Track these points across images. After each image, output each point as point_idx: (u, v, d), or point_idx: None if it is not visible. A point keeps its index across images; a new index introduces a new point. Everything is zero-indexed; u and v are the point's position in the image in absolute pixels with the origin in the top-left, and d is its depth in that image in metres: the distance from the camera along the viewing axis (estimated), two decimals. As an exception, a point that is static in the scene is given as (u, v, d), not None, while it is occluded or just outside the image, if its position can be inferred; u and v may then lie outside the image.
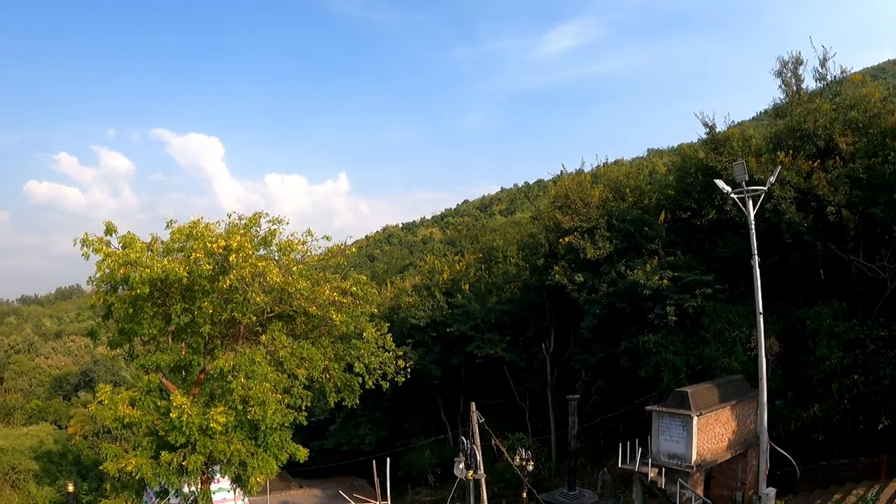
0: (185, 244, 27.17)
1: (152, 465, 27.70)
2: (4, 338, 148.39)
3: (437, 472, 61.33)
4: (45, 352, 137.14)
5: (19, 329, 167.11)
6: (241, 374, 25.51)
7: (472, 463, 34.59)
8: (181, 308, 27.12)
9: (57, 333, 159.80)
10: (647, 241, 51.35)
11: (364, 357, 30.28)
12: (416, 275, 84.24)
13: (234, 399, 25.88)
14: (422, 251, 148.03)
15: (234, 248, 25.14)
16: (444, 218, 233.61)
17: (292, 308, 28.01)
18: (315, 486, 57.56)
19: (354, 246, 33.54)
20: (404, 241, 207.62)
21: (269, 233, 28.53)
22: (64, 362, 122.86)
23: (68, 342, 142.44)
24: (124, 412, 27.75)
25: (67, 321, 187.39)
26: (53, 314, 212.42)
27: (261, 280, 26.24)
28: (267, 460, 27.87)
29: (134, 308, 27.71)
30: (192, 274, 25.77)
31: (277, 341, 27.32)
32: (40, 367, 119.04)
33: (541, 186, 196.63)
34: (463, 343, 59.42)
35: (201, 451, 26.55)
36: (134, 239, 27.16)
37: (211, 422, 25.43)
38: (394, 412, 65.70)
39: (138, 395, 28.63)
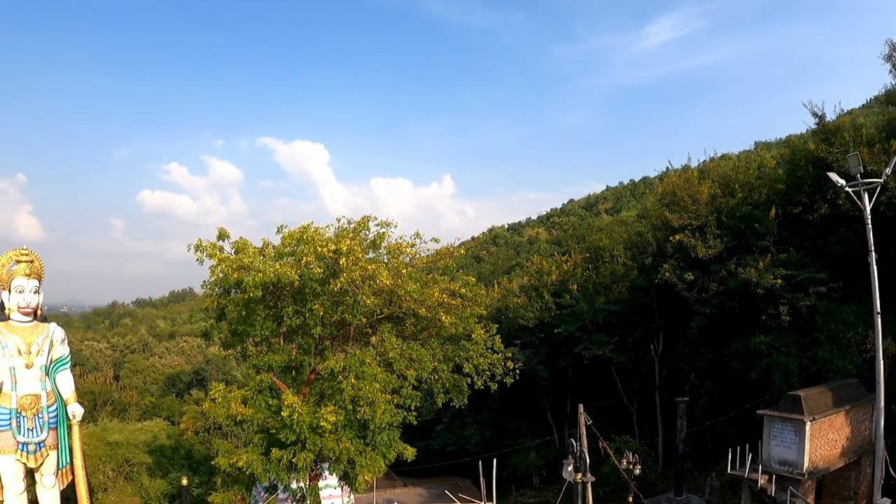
0: (295, 248, 27.58)
1: (263, 461, 28.30)
2: (121, 338, 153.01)
3: (542, 473, 60.77)
4: (159, 352, 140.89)
5: (135, 330, 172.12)
6: (352, 374, 25.74)
7: (580, 465, 34.27)
8: (293, 310, 27.58)
9: (170, 334, 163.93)
10: (757, 239, 49.75)
11: (473, 358, 30.11)
12: (522, 275, 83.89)
13: (344, 399, 26.12)
14: (528, 252, 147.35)
15: (344, 251, 25.35)
16: (549, 218, 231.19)
17: (402, 310, 28.09)
18: (419, 485, 57.72)
19: (462, 248, 33.57)
20: (510, 241, 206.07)
21: (378, 236, 28.76)
22: (177, 361, 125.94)
23: (181, 342, 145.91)
24: (236, 410, 28.39)
25: (180, 323, 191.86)
26: (167, 316, 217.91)
27: (371, 282, 26.43)
28: (375, 459, 28.11)
29: (246, 310, 28.27)
30: (303, 277, 26.17)
31: (387, 343, 27.45)
32: (154, 365, 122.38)
33: (646, 184, 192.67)
34: (570, 344, 58.77)
35: (311, 448, 26.93)
36: (246, 244, 27.69)
37: (321, 420, 25.70)
38: (500, 413, 65.35)
39: (250, 393, 29.28)
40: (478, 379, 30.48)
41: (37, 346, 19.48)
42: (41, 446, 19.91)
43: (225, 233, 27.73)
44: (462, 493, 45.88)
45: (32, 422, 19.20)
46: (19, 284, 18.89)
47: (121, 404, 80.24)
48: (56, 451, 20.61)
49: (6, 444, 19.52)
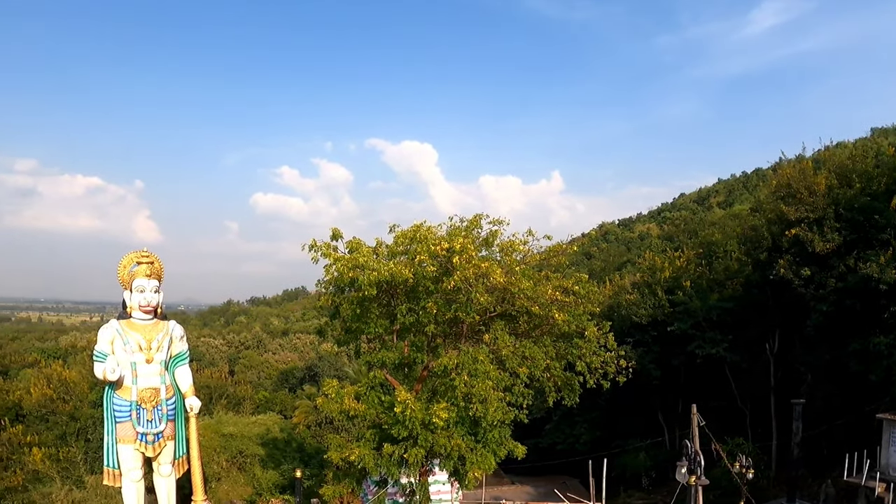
0: (408, 247, 27.79)
1: (374, 455, 28.72)
2: (236, 335, 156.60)
3: (652, 475, 59.74)
4: (273, 348, 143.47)
5: (249, 327, 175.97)
6: (465, 371, 25.82)
7: (694, 467, 33.61)
8: (406, 308, 27.81)
9: (283, 331, 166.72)
10: (877, 231, 47.31)
11: (586, 356, 29.69)
12: (634, 272, 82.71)
13: (456, 396, 26.25)
14: (639, 248, 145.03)
15: (457, 249, 25.42)
16: (660, 213, 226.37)
17: (515, 308, 27.99)
18: (527, 483, 57.45)
19: (575, 244, 33.22)
20: (621, 237, 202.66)
21: (491, 234, 28.79)
22: (290, 358, 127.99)
23: (294, 339, 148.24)
24: (349, 405, 28.80)
25: (293, 320, 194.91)
26: (280, 314, 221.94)
27: (484, 280, 26.42)
28: (486, 456, 28.16)
29: (361, 308, 28.61)
30: (416, 275, 26.36)
31: (500, 340, 27.41)
32: (268, 361, 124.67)
33: (759, 175, 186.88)
34: (683, 342, 57.60)
35: (422, 444, 27.15)
36: (360, 243, 28.06)
37: (433, 417, 25.87)
38: (610, 412, 64.46)
39: (363, 389, 29.67)
40: (590, 377, 30.09)
41: (157, 343, 20.20)
42: (159, 437, 20.61)
43: (339, 233, 28.16)
44: (570, 492, 45.56)
45: (152, 413, 19.91)
46: (140, 284, 19.62)
47: (235, 398, 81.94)
48: (173, 441, 21.30)
49: (126, 434, 20.29)
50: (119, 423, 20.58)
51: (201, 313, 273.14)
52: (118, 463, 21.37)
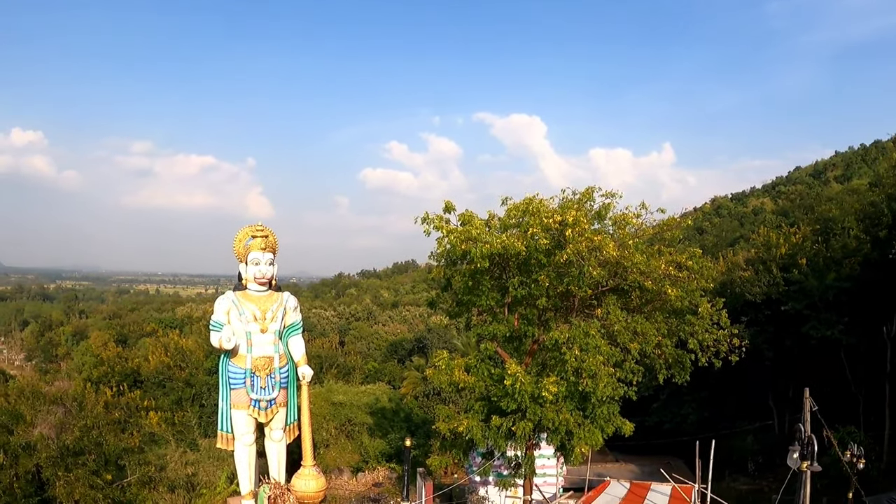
0: (521, 220, 27.67)
1: (482, 427, 28.80)
2: (346, 307, 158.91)
3: (759, 460, 58.26)
4: (383, 320, 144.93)
5: (359, 299, 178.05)
6: (576, 345, 25.66)
7: (806, 453, 32.70)
8: (518, 281, 27.74)
9: (393, 304, 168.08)
10: None
11: (698, 333, 29.08)
12: (748, 248, 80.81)
13: (566, 370, 26.10)
14: (752, 223, 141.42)
15: (570, 222, 25.21)
16: (774, 187, 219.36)
17: (627, 282, 27.60)
18: (631, 461, 56.91)
19: (690, 218, 32.50)
20: (734, 212, 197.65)
21: (603, 207, 28.41)
22: (399, 329, 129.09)
23: (403, 311, 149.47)
24: (459, 377, 28.96)
25: (403, 293, 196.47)
26: (390, 286, 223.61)
27: (597, 254, 26.17)
28: (593, 432, 27.93)
29: (472, 281, 28.66)
30: (528, 248, 26.24)
31: (612, 315, 27.11)
32: (378, 333, 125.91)
33: (878, 148, 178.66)
34: (797, 323, 55.79)
35: (531, 418, 27.11)
36: (472, 216, 28.04)
37: (542, 391, 25.76)
38: (719, 392, 63.15)
39: (473, 361, 29.75)
40: (702, 355, 29.49)
41: (271, 313, 20.78)
42: (272, 403, 21.22)
43: (451, 206, 28.20)
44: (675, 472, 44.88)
45: (265, 381, 20.55)
46: (255, 257, 20.24)
47: (345, 368, 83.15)
48: (285, 408, 21.90)
49: (240, 400, 20.95)
50: (233, 390, 21.30)
51: (313, 286, 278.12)
52: (232, 427, 22.09)
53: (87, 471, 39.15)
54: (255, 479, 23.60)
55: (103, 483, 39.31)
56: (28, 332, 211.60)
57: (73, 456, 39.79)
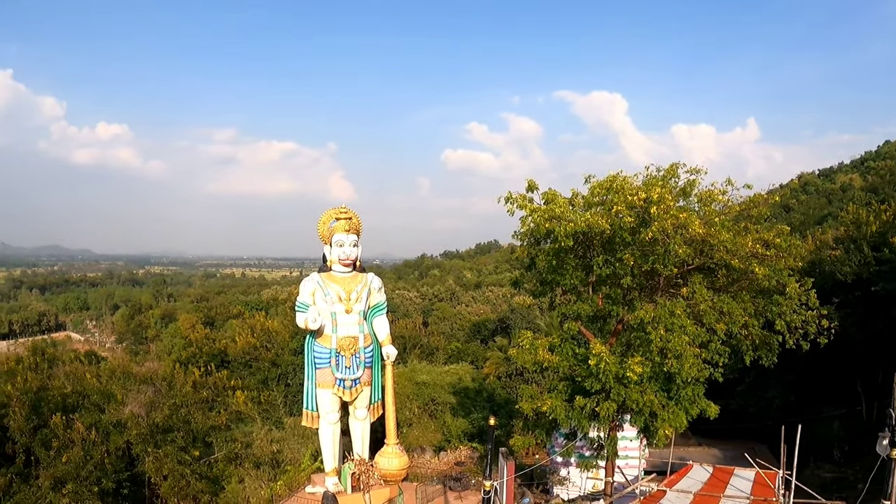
0: (604, 198, 27.36)
1: (566, 407, 28.68)
2: (429, 288, 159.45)
3: (845, 448, 56.51)
4: (466, 300, 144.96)
5: (443, 280, 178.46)
6: (661, 326, 25.36)
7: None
8: (602, 260, 27.51)
9: (476, 284, 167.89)
10: None
11: (786, 314, 28.29)
12: (836, 226, 78.86)
13: (651, 350, 25.86)
14: (841, 200, 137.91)
15: (655, 199, 24.86)
16: (863, 162, 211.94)
17: (713, 261, 27.06)
18: (714, 445, 55.91)
19: (777, 195, 31.73)
20: (821, 189, 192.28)
21: (688, 183, 27.92)
22: (482, 310, 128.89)
23: (486, 292, 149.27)
24: (543, 357, 28.88)
25: (486, 273, 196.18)
26: (473, 267, 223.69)
27: (682, 232, 25.76)
28: (678, 414, 27.55)
29: (556, 260, 28.50)
30: (613, 226, 25.95)
31: (698, 294, 26.65)
32: (461, 313, 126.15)
33: None
34: (889, 304, 53.91)
35: (615, 398, 26.94)
36: (556, 195, 27.85)
37: (627, 371, 25.58)
38: (805, 376, 61.58)
39: (557, 341, 29.64)
40: (790, 337, 28.80)
41: (356, 294, 21.13)
42: (356, 383, 21.58)
43: (534, 185, 28.03)
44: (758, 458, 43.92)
45: (350, 361, 20.90)
46: (339, 239, 20.68)
47: (429, 348, 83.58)
48: (369, 387, 22.19)
49: (325, 379, 21.31)
50: (319, 370, 21.71)
51: (396, 267, 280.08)
52: (317, 406, 22.51)
53: (176, 447, 40.23)
54: (339, 457, 23.87)
55: (191, 459, 40.35)
56: (118, 316, 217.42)
57: (163, 433, 40.91)
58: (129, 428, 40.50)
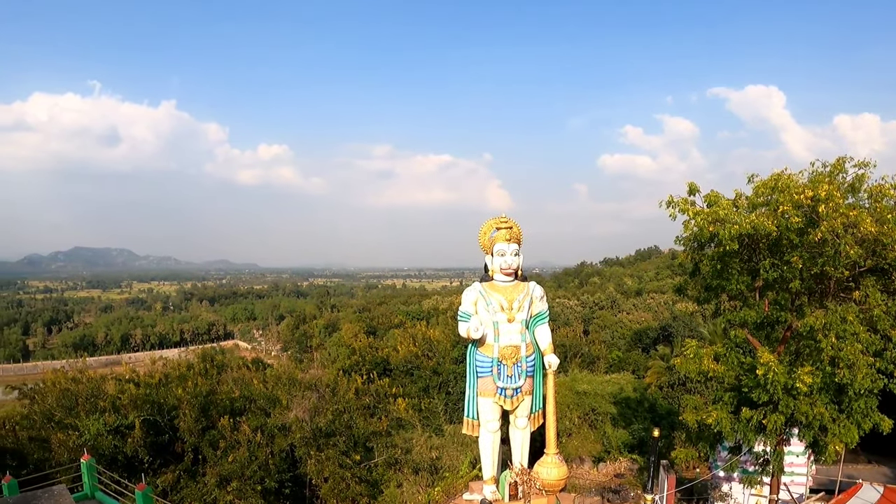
0: (769, 197, 26.33)
1: (731, 419, 27.71)
2: (590, 296, 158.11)
3: None
4: (626, 308, 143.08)
5: (602, 288, 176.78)
6: (832, 333, 24.15)
7: None
8: (769, 263, 26.45)
9: (637, 291, 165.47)
10: None
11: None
12: None
13: (822, 359, 24.69)
14: None
15: (822, 197, 23.68)
16: None
17: (887, 261, 25.55)
18: (885, 463, 52.87)
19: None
20: None
21: (857, 178, 26.38)
22: (643, 317, 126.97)
23: (647, 299, 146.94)
24: (708, 366, 28.04)
25: (646, 280, 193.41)
26: (633, 273, 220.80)
27: (853, 231, 24.46)
28: (849, 428, 26.07)
29: (721, 264, 27.62)
30: (779, 227, 24.89)
31: (871, 299, 25.18)
32: (622, 321, 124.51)
33: None
34: None
35: (783, 410, 25.81)
36: (718, 196, 27.02)
37: (796, 381, 24.44)
38: None
39: (723, 350, 28.71)
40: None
41: (518, 303, 20.94)
42: (518, 392, 21.33)
43: (695, 187, 27.28)
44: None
45: (511, 370, 20.71)
46: (501, 248, 20.59)
47: (589, 357, 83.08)
48: (531, 396, 21.90)
49: (486, 387, 21.18)
50: (480, 378, 21.62)
51: (555, 275, 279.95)
52: (477, 414, 22.41)
53: (338, 451, 41.12)
54: (498, 465, 23.70)
55: (352, 463, 41.12)
56: (284, 326, 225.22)
57: (325, 437, 41.86)
58: (293, 431, 41.61)
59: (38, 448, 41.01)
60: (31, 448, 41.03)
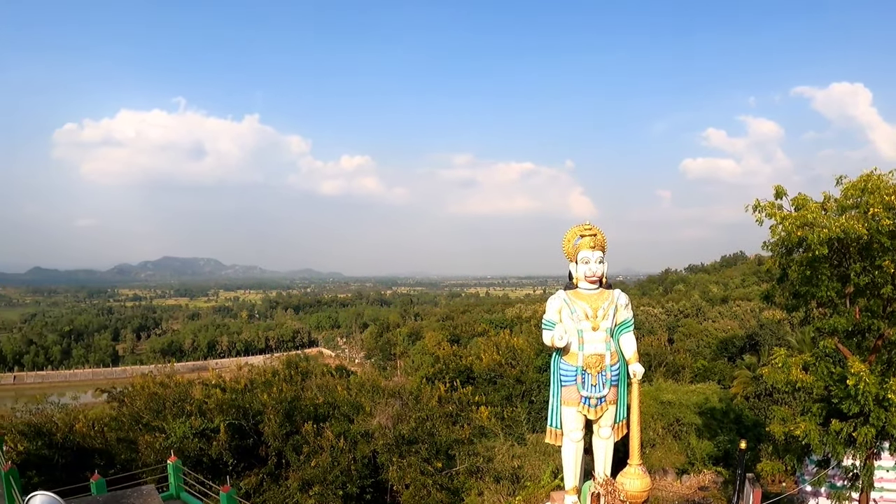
0: (858, 199, 25.58)
1: (820, 432, 26.94)
2: (674, 303, 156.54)
3: None
4: (712, 316, 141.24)
5: (687, 295, 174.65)
6: (927, 341, 23.39)
7: None
8: (860, 268, 25.73)
9: (722, 299, 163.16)
10: None
11: None
12: None
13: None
14: None
15: (917, 198, 22.99)
16: None
17: None
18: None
19: None
20: None
21: (956, 176, 25.59)
22: (729, 326, 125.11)
23: (733, 307, 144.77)
24: (797, 376, 27.28)
25: (732, 287, 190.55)
26: (718, 280, 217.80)
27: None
28: (943, 442, 25.35)
29: (810, 270, 26.89)
30: (870, 230, 24.18)
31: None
32: (707, 329, 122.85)
33: None
34: None
35: (874, 423, 24.94)
36: (806, 199, 26.29)
37: (888, 392, 23.70)
38: None
39: (812, 359, 27.97)
40: None
41: (602, 311, 20.64)
42: (602, 401, 21.02)
43: (782, 190, 26.62)
44: None
45: (596, 378, 20.42)
46: (585, 256, 20.28)
47: (674, 366, 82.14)
48: (615, 405, 21.59)
49: (570, 396, 20.93)
50: (564, 387, 21.36)
51: (639, 283, 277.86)
52: (561, 423, 22.15)
53: (419, 458, 41.27)
54: (580, 475, 23.45)
55: (433, 470, 41.20)
56: (367, 334, 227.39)
57: (407, 444, 42.06)
58: (375, 438, 41.89)
59: (125, 449, 42.22)
60: (119, 449, 42.28)
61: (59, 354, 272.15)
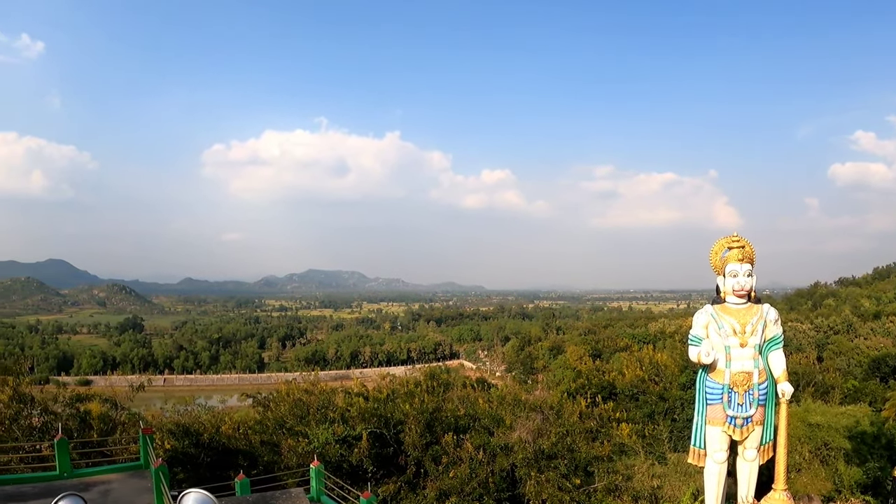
0: None
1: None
2: (824, 319, 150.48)
3: None
4: (864, 332, 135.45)
5: (838, 310, 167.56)
6: None
7: None
8: None
9: (875, 314, 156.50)
10: None
11: None
12: None
13: None
14: None
15: None
16: None
17: None
18: None
19: None
20: None
21: None
22: (882, 343, 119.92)
23: (887, 323, 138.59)
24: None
25: (885, 301, 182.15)
26: (871, 294, 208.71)
27: None
28: None
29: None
30: None
31: None
32: (858, 347, 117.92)
33: None
34: None
35: None
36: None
37: None
38: None
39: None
40: None
41: (751, 327, 20.27)
42: (748, 421, 20.63)
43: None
44: None
45: (743, 398, 20.06)
46: (733, 269, 20.05)
47: (823, 386, 79.33)
48: (761, 426, 21.15)
49: (716, 415, 20.64)
50: (710, 406, 21.06)
51: (787, 297, 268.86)
52: (704, 443, 21.83)
53: (558, 474, 41.27)
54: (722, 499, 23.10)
55: (571, 486, 41.15)
56: (509, 347, 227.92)
57: (547, 459, 42.12)
58: (515, 451, 42.03)
59: (268, 451, 43.84)
60: (262, 451, 43.95)
61: (208, 360, 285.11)
